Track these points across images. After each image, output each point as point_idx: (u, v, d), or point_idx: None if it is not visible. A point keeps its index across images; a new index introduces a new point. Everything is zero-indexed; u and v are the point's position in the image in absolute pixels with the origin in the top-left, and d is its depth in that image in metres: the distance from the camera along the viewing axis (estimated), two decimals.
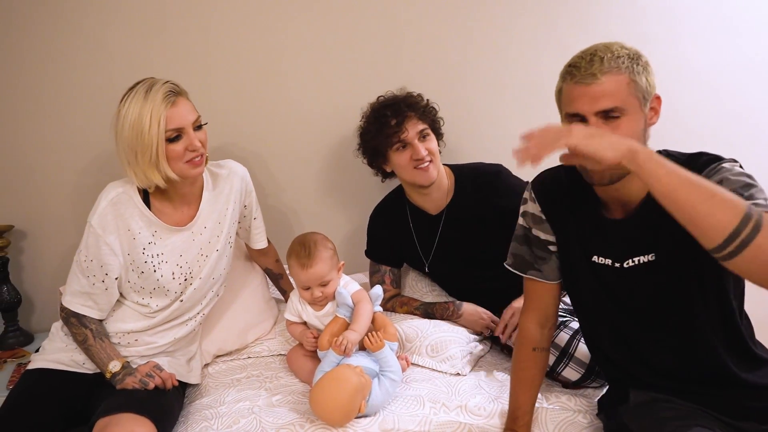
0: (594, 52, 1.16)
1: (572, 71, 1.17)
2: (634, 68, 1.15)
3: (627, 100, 1.14)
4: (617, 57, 1.14)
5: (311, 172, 2.26)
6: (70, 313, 1.58)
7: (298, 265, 1.67)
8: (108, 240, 1.54)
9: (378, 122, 1.86)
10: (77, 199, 2.10)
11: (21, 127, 2.08)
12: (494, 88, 2.23)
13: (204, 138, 1.57)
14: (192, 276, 1.66)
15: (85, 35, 2.05)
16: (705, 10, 2.25)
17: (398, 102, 1.86)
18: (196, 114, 1.56)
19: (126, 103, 1.50)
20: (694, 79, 2.29)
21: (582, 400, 1.53)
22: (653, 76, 1.19)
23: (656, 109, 1.21)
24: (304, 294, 1.71)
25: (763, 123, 2.34)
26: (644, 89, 1.16)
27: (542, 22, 2.21)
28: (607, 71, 1.14)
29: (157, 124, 1.47)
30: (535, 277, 1.42)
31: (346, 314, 1.69)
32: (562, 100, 1.22)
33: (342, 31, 2.16)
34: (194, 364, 1.74)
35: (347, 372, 1.49)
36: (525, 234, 1.43)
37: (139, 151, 1.49)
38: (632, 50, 1.18)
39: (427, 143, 1.84)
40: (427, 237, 1.97)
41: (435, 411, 1.50)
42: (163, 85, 1.50)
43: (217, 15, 2.10)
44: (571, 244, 1.34)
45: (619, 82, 1.14)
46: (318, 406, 1.45)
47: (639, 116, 1.17)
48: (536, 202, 1.39)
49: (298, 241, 1.72)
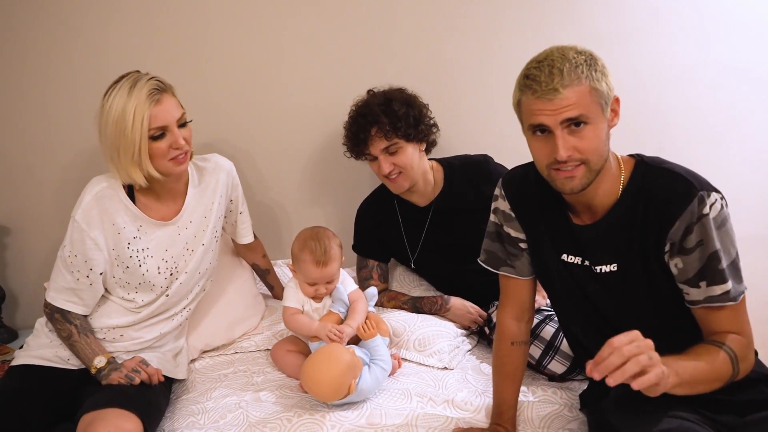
0: (551, 63, 1.13)
1: (531, 85, 1.14)
2: (593, 75, 1.13)
3: (590, 108, 1.14)
4: (576, 66, 1.12)
5: (298, 168, 2.25)
6: (55, 309, 1.57)
7: (312, 261, 1.65)
8: (92, 235, 1.53)
9: (351, 131, 1.88)
10: (62, 195, 2.08)
11: (4, 123, 2.07)
12: (482, 84, 2.24)
13: (189, 135, 1.56)
14: (178, 271, 1.65)
15: (70, 29, 2.03)
16: (690, 8, 2.26)
17: (372, 110, 1.81)
18: (181, 111, 1.54)
19: (110, 98, 1.48)
20: (678, 75, 2.31)
21: (568, 393, 1.55)
22: (610, 78, 1.17)
23: (616, 110, 1.20)
24: (307, 289, 1.71)
25: (746, 121, 2.37)
26: (605, 94, 1.15)
27: (529, 18, 2.21)
28: (568, 84, 1.11)
29: (140, 123, 1.45)
30: (508, 273, 1.43)
31: (341, 310, 1.71)
32: (522, 111, 1.20)
33: (330, 27, 2.15)
34: (181, 359, 1.73)
35: (340, 349, 1.53)
36: (497, 231, 1.43)
37: (122, 149, 1.47)
38: (587, 54, 1.15)
39: (396, 157, 1.82)
40: (415, 230, 1.97)
41: (422, 405, 1.51)
42: (148, 82, 1.48)
43: (207, 12, 2.09)
44: (542, 242, 1.35)
45: (581, 92, 1.12)
46: (309, 380, 1.48)
47: (602, 121, 1.16)
48: (506, 199, 1.39)
49: (311, 236, 1.69)
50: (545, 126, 1.15)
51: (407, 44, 2.19)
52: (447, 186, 1.94)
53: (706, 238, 1.14)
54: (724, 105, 2.34)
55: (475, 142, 2.13)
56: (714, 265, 1.15)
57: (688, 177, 1.17)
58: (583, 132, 1.14)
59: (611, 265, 1.25)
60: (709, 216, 1.14)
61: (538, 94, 1.13)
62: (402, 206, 1.99)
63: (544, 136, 1.17)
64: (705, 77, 2.32)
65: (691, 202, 1.14)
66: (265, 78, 2.17)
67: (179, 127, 1.52)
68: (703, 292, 1.17)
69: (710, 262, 1.15)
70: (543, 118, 1.14)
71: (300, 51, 2.16)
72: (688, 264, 1.17)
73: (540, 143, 1.19)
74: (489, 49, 2.22)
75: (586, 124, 1.14)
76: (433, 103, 1.95)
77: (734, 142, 2.36)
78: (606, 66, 1.17)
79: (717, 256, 1.15)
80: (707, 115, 2.35)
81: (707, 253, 1.15)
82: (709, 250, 1.15)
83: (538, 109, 1.14)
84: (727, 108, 2.35)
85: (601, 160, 1.18)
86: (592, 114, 1.14)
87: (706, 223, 1.14)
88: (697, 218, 1.14)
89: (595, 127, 1.15)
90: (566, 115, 1.13)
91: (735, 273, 1.18)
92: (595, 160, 1.17)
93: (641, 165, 1.24)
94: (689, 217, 1.14)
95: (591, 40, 2.21)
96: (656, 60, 2.29)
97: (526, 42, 2.23)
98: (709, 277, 1.16)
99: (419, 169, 1.88)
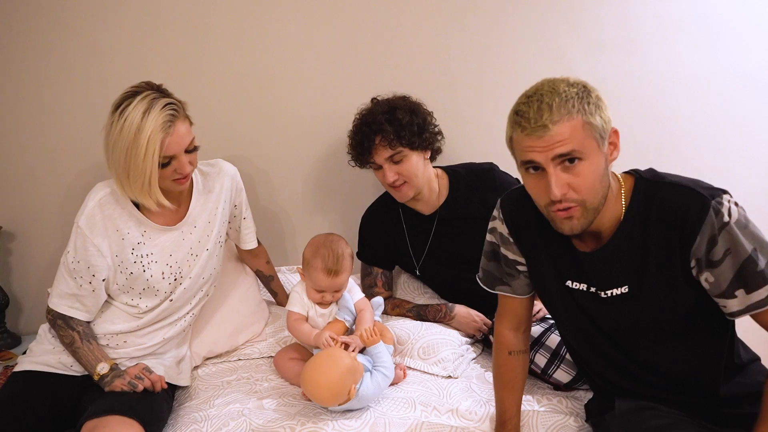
0: (540, 98, 1.09)
1: (521, 122, 1.10)
2: (586, 108, 1.08)
3: (584, 142, 1.08)
4: (566, 100, 1.07)
5: (303, 175, 2.25)
6: (57, 315, 1.57)
7: (324, 269, 1.65)
8: (95, 241, 1.53)
9: (355, 139, 1.87)
10: (66, 201, 2.09)
11: (9, 129, 2.07)
12: (487, 91, 2.24)
13: (195, 160, 1.56)
14: (182, 276, 1.64)
15: (77, 36, 2.04)
16: (694, 14, 2.27)
17: (376, 118, 1.81)
18: (190, 136, 1.53)
19: (122, 118, 1.43)
20: (684, 84, 2.31)
21: (573, 402, 1.53)
22: (607, 111, 1.12)
23: (615, 143, 1.15)
24: (314, 295, 1.70)
25: (752, 126, 2.36)
26: (600, 128, 1.10)
27: (533, 27, 2.21)
28: (558, 120, 1.07)
29: (153, 152, 1.43)
30: (504, 292, 1.41)
31: (347, 318, 1.71)
32: (514, 147, 1.16)
33: (334, 34, 2.16)
34: (184, 366, 1.73)
35: (341, 352, 1.53)
36: (493, 250, 1.40)
37: (132, 175, 1.46)
38: (580, 87, 1.10)
39: (400, 166, 1.82)
40: (420, 237, 1.96)
41: (426, 414, 1.50)
42: (163, 109, 1.44)
43: (211, 19, 2.09)
44: (543, 268, 1.31)
45: (573, 127, 1.07)
46: (309, 383, 1.47)
47: (599, 157, 1.11)
48: (504, 223, 1.35)
49: (325, 244, 1.68)
50: (537, 163, 1.11)
51: (412, 52, 2.20)
52: (452, 194, 1.93)
53: (734, 245, 1.09)
54: (730, 111, 2.34)
55: (481, 150, 2.12)
56: (751, 269, 1.09)
57: (695, 187, 1.13)
58: (578, 168, 1.10)
59: (622, 288, 1.21)
60: (731, 222, 1.09)
61: (528, 131, 1.09)
62: (407, 214, 1.98)
63: (537, 173, 1.13)
64: (710, 83, 2.32)
65: (707, 214, 1.09)
66: (270, 86, 2.17)
67: (187, 152, 1.52)
68: (742, 301, 1.11)
69: (745, 268, 1.09)
70: (534, 155, 1.10)
71: (304, 59, 2.16)
72: (719, 275, 1.11)
73: (534, 181, 1.15)
74: (494, 57, 2.23)
75: (581, 160, 1.09)
76: (438, 111, 1.95)
77: (740, 148, 2.36)
78: (601, 98, 1.12)
79: (751, 260, 1.09)
80: (713, 121, 2.35)
81: (740, 260, 1.09)
82: (741, 256, 1.09)
83: (528, 146, 1.10)
84: (732, 114, 2.34)
85: (599, 198, 1.13)
86: (585, 149, 1.09)
87: (731, 230, 1.08)
88: (719, 229, 1.09)
89: (591, 163, 1.10)
90: (557, 152, 1.08)
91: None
92: (591, 199, 1.12)
93: (641, 182, 1.19)
94: (710, 230, 1.09)
95: (596, 47, 2.24)
96: (661, 67, 2.29)
97: (531, 50, 2.23)
98: (746, 283, 1.10)
99: (424, 177, 1.87)
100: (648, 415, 1.24)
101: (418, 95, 1.94)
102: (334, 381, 1.45)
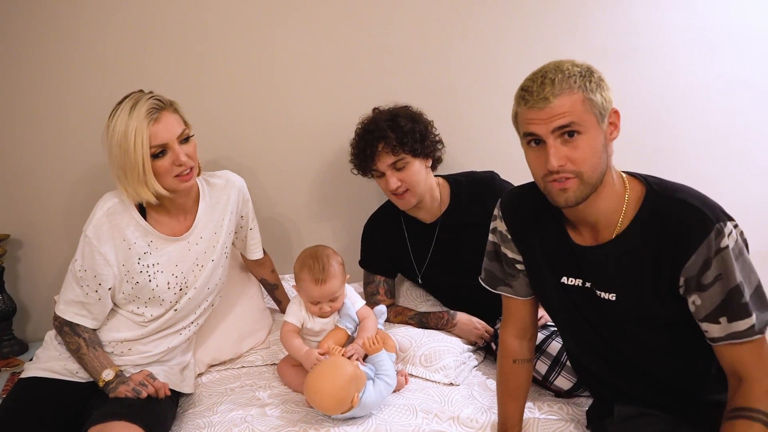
0: (545, 74, 1.13)
1: (525, 96, 1.15)
2: (587, 86, 1.12)
3: (583, 116, 1.12)
4: (569, 77, 1.12)
5: (306, 184, 2.27)
6: (64, 321, 1.59)
7: (311, 280, 1.66)
8: (102, 250, 1.55)
9: (357, 147, 1.89)
10: (73, 209, 2.11)
11: (17, 136, 2.10)
12: (487, 100, 2.25)
13: (191, 150, 1.57)
14: (187, 286, 1.66)
15: (81, 43, 2.07)
16: (694, 25, 2.28)
17: (378, 126, 1.83)
18: (181, 127, 1.55)
19: (113, 120, 1.50)
20: (683, 92, 2.32)
21: (574, 409, 1.54)
22: (609, 91, 1.15)
23: (615, 123, 1.17)
24: (312, 308, 1.70)
25: (753, 134, 2.36)
26: (600, 105, 1.13)
27: (533, 34, 2.23)
28: (559, 93, 1.11)
29: (141, 142, 1.47)
30: (506, 293, 1.42)
31: (348, 326, 1.71)
32: (518, 122, 1.20)
33: (336, 43, 2.18)
34: (188, 373, 1.74)
35: (344, 361, 1.53)
36: (495, 250, 1.43)
37: (128, 170, 1.50)
38: (584, 67, 1.14)
39: (403, 173, 1.83)
40: (422, 246, 1.98)
41: (427, 421, 1.50)
42: (147, 102, 1.49)
43: (213, 27, 2.12)
44: (539, 265, 1.33)
45: (573, 101, 1.11)
46: (312, 391, 1.48)
47: (597, 133, 1.14)
48: (503, 220, 1.38)
49: (310, 255, 1.69)
50: (537, 135, 1.14)
51: (413, 61, 2.21)
52: (453, 202, 1.95)
53: (726, 272, 1.09)
54: (730, 118, 2.35)
55: (481, 159, 2.14)
56: (737, 300, 1.10)
57: (703, 208, 1.12)
58: (576, 142, 1.13)
59: (610, 294, 1.22)
60: (729, 248, 1.09)
61: (530, 104, 1.13)
62: (408, 222, 1.99)
63: (538, 147, 1.16)
64: (711, 91, 2.33)
65: (708, 235, 1.09)
66: (271, 95, 2.19)
67: (181, 143, 1.54)
68: (724, 329, 1.12)
69: (732, 297, 1.10)
70: (534, 127, 1.14)
71: (306, 70, 2.18)
72: (706, 300, 1.12)
73: (534, 154, 1.18)
74: (493, 66, 2.24)
75: (580, 134, 1.12)
76: (438, 120, 1.97)
77: (741, 155, 2.36)
78: (604, 79, 1.16)
79: (738, 290, 1.10)
80: (714, 129, 2.35)
81: (728, 287, 1.10)
82: (730, 284, 1.10)
83: (530, 118, 1.14)
84: (733, 121, 2.35)
85: (596, 173, 1.15)
86: (585, 123, 1.12)
87: (726, 256, 1.09)
88: (714, 252, 1.09)
89: (589, 138, 1.13)
90: (556, 123, 1.12)
91: (759, 301, 1.13)
92: (588, 172, 1.14)
93: (651, 195, 1.19)
94: (706, 252, 1.09)
95: (597, 56, 2.25)
96: (662, 75, 2.30)
97: (531, 59, 2.21)
98: (730, 312, 1.11)
99: (426, 185, 1.89)
100: (646, 422, 1.24)
101: (419, 104, 1.96)
102: (337, 389, 1.46)
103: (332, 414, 1.49)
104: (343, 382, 1.46)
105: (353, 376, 1.49)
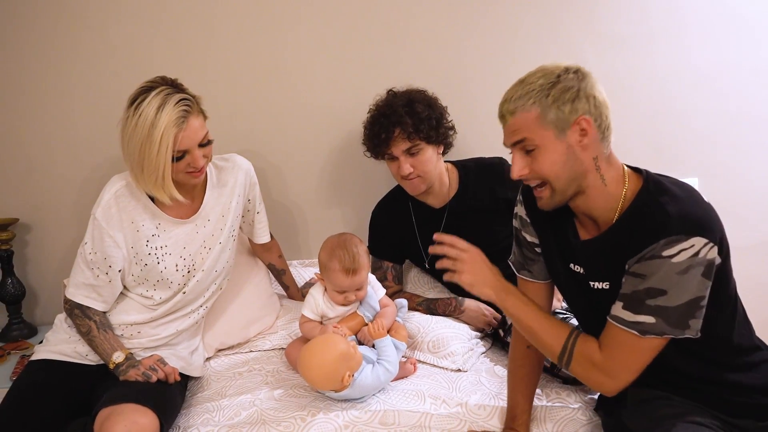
0: (511, 91, 1.20)
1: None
2: (543, 101, 1.15)
3: (537, 133, 1.17)
4: (525, 93, 1.17)
5: (315, 169, 2.27)
6: (74, 304, 1.59)
7: (342, 270, 1.63)
8: (112, 233, 1.55)
9: (371, 130, 1.88)
10: (82, 193, 2.12)
11: (25, 122, 2.10)
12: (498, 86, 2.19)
13: (209, 153, 1.57)
14: (195, 268, 1.66)
15: (89, 30, 2.06)
16: (711, 10, 2.25)
17: (395, 110, 1.82)
18: (204, 131, 1.54)
19: (136, 114, 1.45)
20: (699, 77, 2.29)
21: (581, 396, 1.54)
22: (577, 102, 1.15)
23: (586, 130, 1.16)
24: (337, 297, 1.69)
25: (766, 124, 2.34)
26: (556, 120, 1.15)
27: (547, 20, 2.21)
28: (513, 111, 1.18)
29: (165, 149, 1.46)
30: (526, 277, 1.44)
31: (367, 314, 1.71)
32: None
33: (346, 28, 2.17)
34: (197, 357, 1.75)
35: (337, 338, 1.54)
36: (516, 235, 1.45)
37: (146, 169, 1.49)
38: (549, 80, 1.16)
39: (416, 159, 1.83)
40: (430, 231, 1.95)
41: (435, 407, 1.51)
42: (177, 105, 1.46)
43: (222, 13, 2.11)
44: (551, 250, 1.36)
45: (526, 119, 1.17)
46: (302, 365, 1.50)
47: (556, 146, 1.17)
48: (523, 205, 1.41)
49: (338, 244, 1.66)
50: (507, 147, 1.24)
51: (423, 46, 2.20)
52: (462, 188, 1.94)
53: (650, 275, 1.11)
54: (746, 107, 2.32)
55: (490, 145, 2.12)
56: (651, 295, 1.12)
57: (675, 216, 1.11)
58: (534, 154, 1.19)
59: (604, 283, 1.25)
60: (670, 259, 1.09)
61: (499, 117, 1.23)
62: (417, 208, 1.99)
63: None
64: (726, 79, 2.30)
65: (657, 242, 1.10)
66: (282, 80, 2.18)
67: (201, 146, 1.53)
68: (617, 310, 1.17)
69: (645, 293, 1.12)
70: (503, 138, 1.24)
71: (316, 54, 2.17)
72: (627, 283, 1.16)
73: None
74: (505, 51, 2.23)
75: (537, 150, 1.18)
76: (449, 105, 1.96)
77: (759, 145, 2.34)
78: (572, 89, 1.15)
79: (658, 291, 1.11)
80: (731, 117, 2.33)
81: (645, 285, 1.12)
82: (648, 284, 1.12)
83: (503, 129, 1.24)
84: (748, 110, 2.32)
85: (567, 182, 1.19)
86: (539, 139, 1.17)
87: (662, 264, 1.10)
88: (651, 256, 1.11)
89: (546, 151, 1.18)
90: (512, 139, 1.21)
91: (678, 318, 1.12)
92: (554, 181, 1.19)
93: (643, 192, 1.19)
94: (650, 252, 1.11)
95: (610, 42, 2.23)
96: (676, 62, 2.28)
97: (543, 44, 2.23)
98: (630, 301, 1.14)
99: (436, 170, 1.88)
100: (660, 404, 1.24)
101: (430, 89, 1.95)
102: (326, 364, 1.47)
103: (322, 389, 1.51)
104: (333, 358, 1.47)
105: (344, 353, 1.49)
